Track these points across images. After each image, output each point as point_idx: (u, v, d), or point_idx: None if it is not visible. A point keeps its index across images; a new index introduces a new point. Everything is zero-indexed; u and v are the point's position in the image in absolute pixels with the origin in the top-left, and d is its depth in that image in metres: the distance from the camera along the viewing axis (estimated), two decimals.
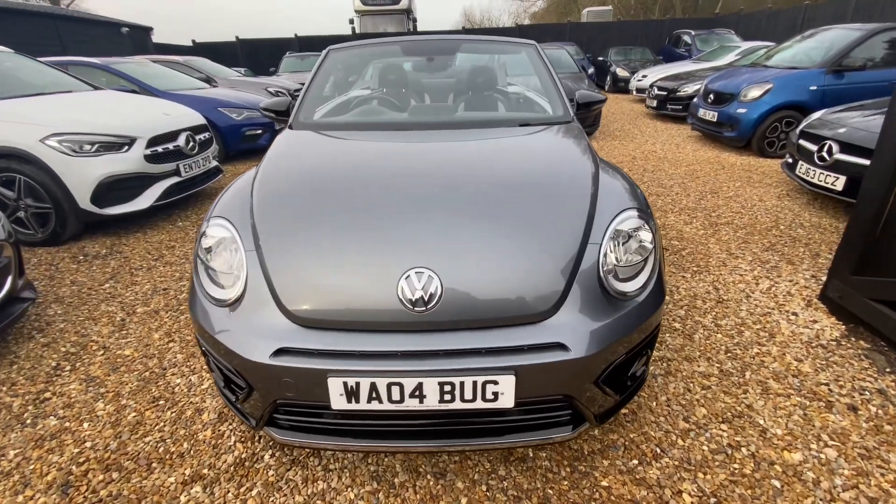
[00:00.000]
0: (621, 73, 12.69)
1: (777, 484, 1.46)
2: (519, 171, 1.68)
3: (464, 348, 1.22)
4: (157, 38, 13.91)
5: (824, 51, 5.30)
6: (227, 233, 1.46)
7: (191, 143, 3.92)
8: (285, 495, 1.44)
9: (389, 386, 1.20)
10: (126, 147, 3.38)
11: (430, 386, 1.19)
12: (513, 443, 1.32)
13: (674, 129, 7.57)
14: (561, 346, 1.23)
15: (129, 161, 3.37)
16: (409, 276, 1.25)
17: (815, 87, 5.13)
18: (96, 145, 3.25)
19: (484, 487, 1.47)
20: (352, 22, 16.71)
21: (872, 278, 2.02)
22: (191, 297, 1.49)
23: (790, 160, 4.11)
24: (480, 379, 1.19)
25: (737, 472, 1.50)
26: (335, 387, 1.20)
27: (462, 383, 1.19)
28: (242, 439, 1.65)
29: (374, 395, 1.21)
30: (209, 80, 7.15)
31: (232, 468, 1.53)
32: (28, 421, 1.73)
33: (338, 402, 1.23)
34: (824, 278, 2.68)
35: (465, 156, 1.84)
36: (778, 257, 3.00)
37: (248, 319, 1.32)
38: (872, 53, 5.04)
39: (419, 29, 18.07)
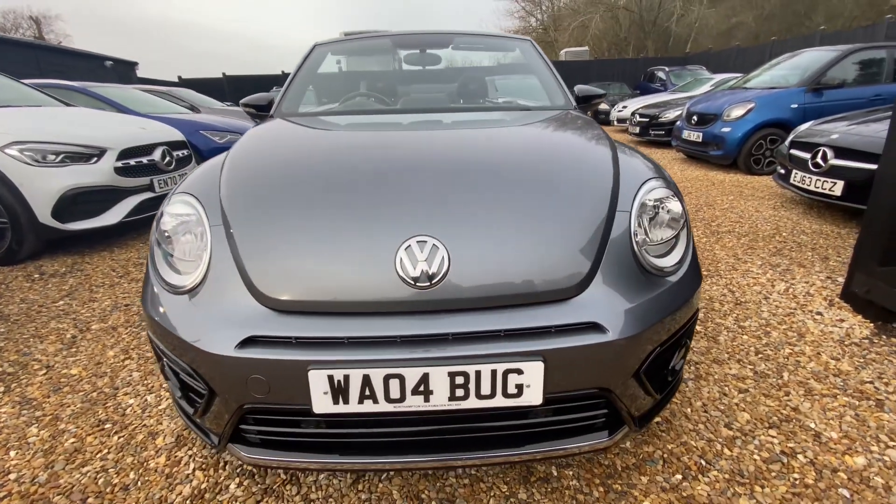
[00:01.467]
0: (602, 106, 13.11)
1: (846, 493, 1.22)
2: (532, 142, 1.52)
3: (479, 331, 1.00)
4: (142, 72, 13.93)
5: (803, 71, 5.47)
6: (192, 210, 1.24)
7: (167, 159, 3.71)
8: None
9: (387, 379, 0.96)
10: (94, 158, 3.15)
11: (439, 378, 0.96)
12: (540, 453, 1.08)
13: (658, 153, 7.68)
14: (596, 327, 1.01)
15: (97, 173, 3.14)
16: (408, 246, 1.04)
17: (796, 105, 5.24)
18: (61, 155, 3.02)
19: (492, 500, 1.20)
20: (339, 62, 17.14)
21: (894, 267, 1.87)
22: (144, 289, 1.25)
23: (782, 171, 4.09)
24: (501, 367, 0.96)
25: (798, 482, 1.27)
26: (318, 383, 0.96)
27: (478, 373, 0.96)
28: (203, 466, 1.35)
29: (367, 392, 0.97)
30: (193, 109, 7.04)
31: (188, 502, 1.23)
32: None
33: (321, 403, 0.97)
34: (840, 279, 2.55)
35: (465, 134, 1.68)
36: (787, 261, 2.87)
37: (211, 306, 1.08)
38: (847, 73, 5.21)
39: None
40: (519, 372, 0.96)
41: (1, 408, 1.62)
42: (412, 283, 1.01)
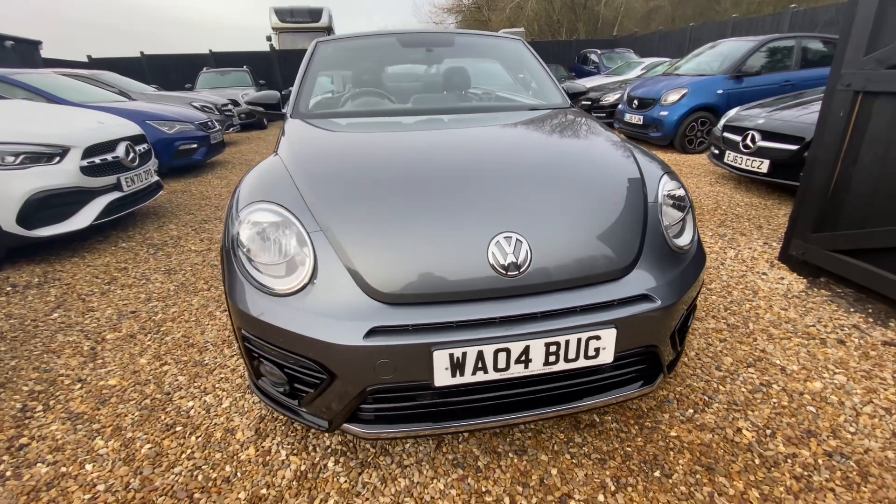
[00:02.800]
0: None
1: (812, 409, 1.62)
2: (566, 143, 1.73)
3: (564, 307, 1.22)
4: (45, 52, 12.23)
5: (724, 60, 6.17)
6: (278, 217, 1.32)
7: (131, 155, 3.49)
8: (367, 499, 1.31)
9: (496, 353, 1.15)
10: (58, 158, 2.91)
11: (537, 348, 1.17)
12: (601, 401, 1.33)
13: None
14: (647, 297, 1.27)
15: (64, 174, 2.91)
16: (497, 241, 1.23)
17: (721, 91, 5.93)
18: (21, 157, 2.76)
19: (567, 456, 1.45)
20: (269, 39, 16.13)
21: (830, 233, 2.35)
22: (233, 295, 1.32)
23: (716, 151, 4.68)
24: (585, 335, 1.19)
25: (776, 404, 1.65)
26: (441, 360, 1.13)
27: (567, 342, 1.18)
28: (294, 451, 1.47)
29: (479, 364, 1.16)
30: (124, 95, 6.45)
31: (294, 483, 1.36)
32: (8, 474, 1.39)
33: (442, 377, 1.15)
34: (773, 244, 3.08)
35: (498, 134, 1.86)
36: (731, 231, 3.38)
37: (327, 304, 1.20)
38: (763, 61, 5.96)
39: None
40: (597, 338, 1.20)
41: (51, 425, 1.59)
42: (503, 272, 1.20)
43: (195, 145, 5.50)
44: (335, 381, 1.20)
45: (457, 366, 1.14)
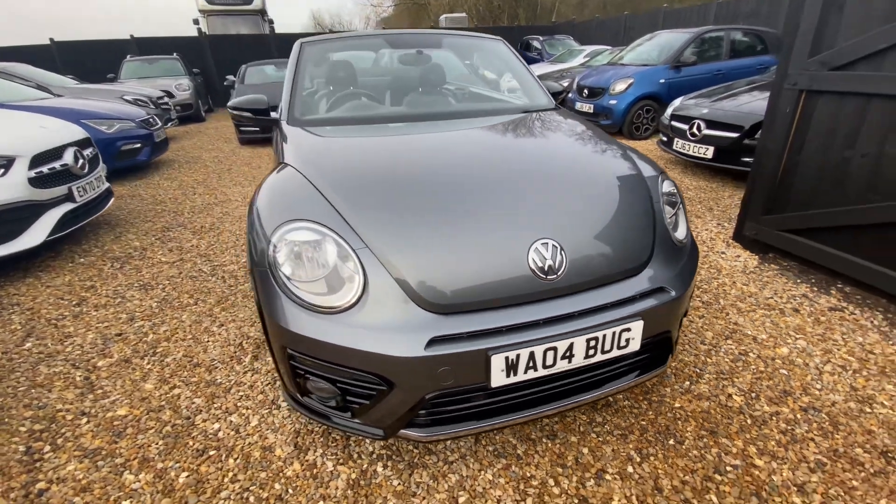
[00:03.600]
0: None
1: (784, 371, 1.89)
2: (570, 151, 1.83)
3: (598, 305, 1.34)
4: None
5: (663, 51, 6.60)
6: (319, 235, 1.33)
7: (80, 161, 3.19)
8: (423, 498, 1.38)
9: (545, 352, 1.25)
10: (2, 170, 2.62)
11: (579, 344, 1.28)
12: (626, 385, 1.48)
13: None
14: (663, 290, 1.43)
15: (10, 187, 2.62)
16: (535, 247, 1.32)
17: (663, 80, 6.36)
18: None
19: (593, 435, 1.60)
20: (196, 23, 14.93)
21: (780, 215, 2.68)
22: (275, 315, 1.31)
23: (665, 138, 5.06)
24: (618, 328, 1.32)
25: (755, 370, 1.90)
26: (497, 363, 1.21)
27: (604, 336, 1.31)
28: (340, 461, 1.50)
29: (531, 363, 1.25)
30: (43, 90, 5.78)
31: (350, 492, 1.40)
32: None
33: (498, 378, 1.24)
34: (725, 225, 3.44)
35: (510, 142, 1.91)
36: (687, 214, 3.72)
37: (380, 318, 1.24)
38: (698, 52, 6.46)
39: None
40: (628, 329, 1.34)
41: (66, 465, 1.50)
42: (543, 276, 1.30)
43: (139, 145, 5.08)
44: (393, 391, 1.25)
45: (511, 367, 1.23)
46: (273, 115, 2.21)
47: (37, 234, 2.77)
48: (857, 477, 1.42)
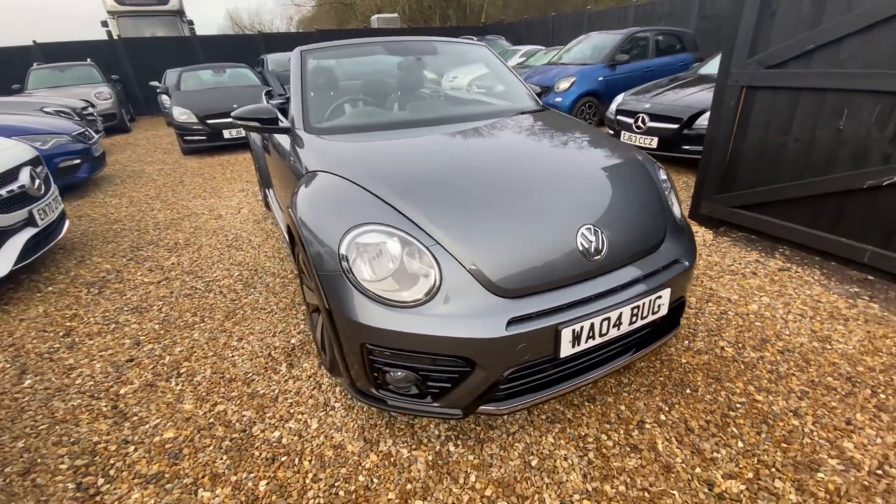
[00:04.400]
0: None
1: (759, 324, 2.25)
2: (579, 146, 2.03)
3: (635, 277, 1.55)
4: None
5: (599, 50, 7.16)
6: (389, 236, 1.41)
7: (37, 182, 2.91)
8: (500, 468, 1.52)
9: (602, 322, 1.45)
10: None
11: (626, 313, 1.49)
12: (651, 348, 1.72)
13: None
14: (678, 262, 1.68)
15: None
16: (582, 232, 1.51)
17: (601, 78, 6.90)
18: None
19: (625, 394, 1.83)
20: (105, 25, 13.60)
21: (729, 194, 3.11)
22: (353, 313, 1.38)
23: (611, 131, 5.53)
24: (653, 297, 1.54)
25: (736, 325, 2.25)
26: (566, 336, 1.39)
27: (644, 304, 1.53)
28: (413, 447, 1.59)
29: (591, 333, 1.44)
30: None
31: (432, 472, 1.50)
32: None
33: (566, 349, 1.41)
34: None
35: (526, 139, 2.07)
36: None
37: (459, 306, 1.36)
38: (629, 51, 7.07)
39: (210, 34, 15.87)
40: (660, 297, 1.57)
41: (130, 495, 1.45)
42: (590, 257, 1.49)
43: (78, 161, 4.65)
44: (475, 371, 1.37)
45: (576, 338, 1.41)
46: (283, 123, 2.20)
47: (2, 263, 2.51)
48: (833, 399, 1.77)
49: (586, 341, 1.44)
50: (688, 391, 1.84)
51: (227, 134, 6.29)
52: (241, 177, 5.37)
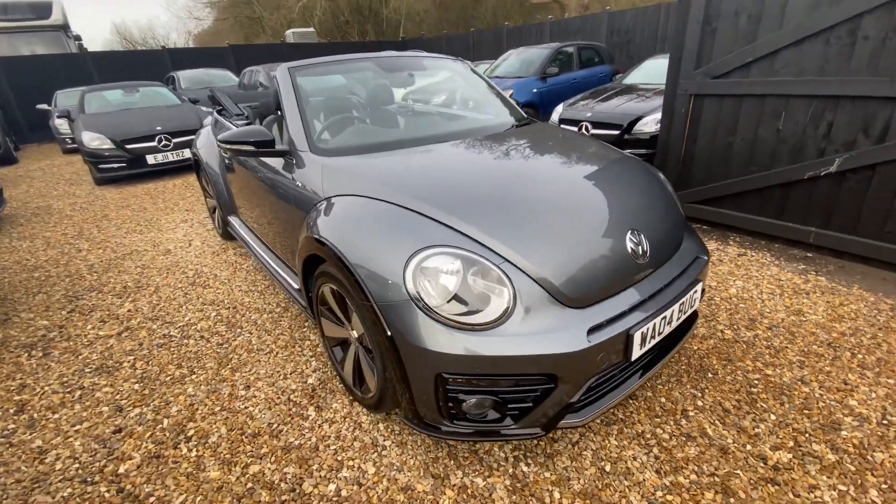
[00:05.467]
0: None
1: (743, 305, 2.50)
2: (591, 155, 2.10)
3: (674, 275, 1.65)
4: None
5: (531, 64, 7.56)
6: (454, 258, 1.36)
7: None
8: (578, 479, 1.51)
9: (661, 320, 1.51)
10: None
11: (676, 308, 1.58)
12: (686, 339, 1.83)
13: None
14: (699, 258, 1.82)
15: None
16: (629, 237, 1.57)
17: (535, 90, 7.29)
18: None
19: (660, 387, 1.93)
20: None
21: (685, 191, 3.44)
22: (425, 342, 1.31)
23: None
24: (692, 292, 1.65)
25: (725, 309, 2.47)
26: (637, 339, 1.43)
27: (686, 300, 1.63)
28: (485, 474, 1.53)
29: (653, 332, 1.50)
30: None
31: (515, 497, 1.45)
32: None
33: (636, 351, 1.45)
34: None
35: (542, 152, 2.09)
36: None
37: (535, 322, 1.34)
38: (556, 64, 7.56)
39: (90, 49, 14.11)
40: (696, 291, 1.68)
41: None
42: (638, 259, 1.56)
43: None
44: (559, 387, 1.36)
45: (644, 339, 1.46)
46: (279, 147, 2.02)
47: None
48: (825, 364, 2.01)
49: (649, 341, 1.50)
50: (710, 375, 1.98)
51: (151, 159, 5.64)
52: (177, 206, 4.85)
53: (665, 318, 1.52)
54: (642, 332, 1.44)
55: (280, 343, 2.35)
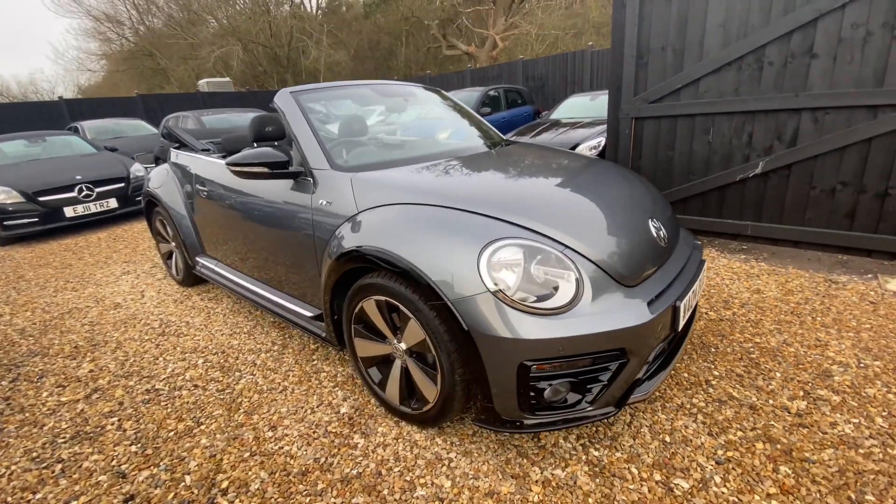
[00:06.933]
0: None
1: (714, 290, 2.83)
2: (590, 161, 2.32)
3: (687, 257, 1.86)
4: None
5: (467, 104, 8.07)
6: (520, 249, 1.43)
7: None
8: (647, 454, 1.58)
9: (692, 294, 1.69)
10: None
11: (698, 286, 1.77)
12: (696, 314, 2.04)
13: None
14: (696, 243, 2.08)
15: None
16: (651, 223, 1.76)
17: None
18: None
19: (677, 363, 2.10)
20: None
21: None
22: (506, 332, 1.34)
23: None
24: (703, 269, 1.87)
25: (701, 295, 2.78)
26: (682, 310, 1.58)
27: (702, 276, 1.84)
28: (562, 465, 1.54)
29: (689, 305, 1.66)
30: None
31: (599, 480, 1.47)
32: None
33: (681, 321, 1.60)
34: None
35: (551, 160, 2.26)
36: None
37: (603, 301, 1.44)
38: (487, 104, 8.16)
39: None
40: (705, 270, 1.91)
41: None
42: (661, 242, 1.75)
43: None
44: (630, 361, 1.45)
45: (685, 311, 1.62)
46: (293, 168, 1.97)
47: None
48: (797, 328, 2.34)
49: (686, 313, 1.66)
50: (712, 350, 2.20)
51: (70, 212, 4.99)
52: (110, 259, 4.32)
53: (693, 291, 1.70)
54: (684, 304, 1.59)
55: (292, 379, 2.17)
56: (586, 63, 9.90)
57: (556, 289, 1.41)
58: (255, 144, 2.28)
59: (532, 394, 1.41)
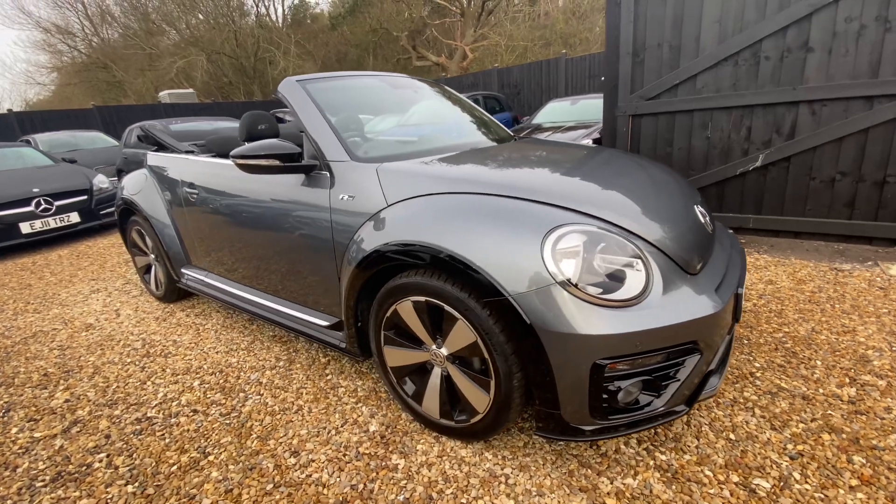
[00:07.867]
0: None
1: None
2: (618, 152, 2.23)
3: (729, 243, 1.80)
4: None
5: None
6: (584, 236, 1.30)
7: None
8: (716, 454, 1.47)
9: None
10: None
11: (745, 275, 1.70)
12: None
13: None
14: (730, 231, 2.02)
15: None
16: (697, 209, 1.69)
17: None
18: None
19: None
20: None
21: None
22: (577, 328, 1.21)
23: None
24: (745, 256, 1.81)
25: None
26: (741, 298, 1.50)
27: (746, 263, 1.77)
28: (631, 473, 1.40)
29: (743, 294, 1.59)
30: None
31: (675, 486, 1.35)
32: None
33: (740, 312, 1.51)
34: None
35: (576, 151, 2.17)
36: None
37: (675, 291, 1.34)
38: None
39: None
40: (746, 256, 1.85)
41: None
42: (708, 229, 1.68)
43: None
44: (702, 355, 1.34)
45: (743, 297, 1.54)
46: (305, 161, 1.78)
47: None
48: (822, 316, 2.32)
49: (744, 300, 1.58)
50: (745, 342, 2.14)
51: (27, 227, 4.53)
52: (75, 277, 3.92)
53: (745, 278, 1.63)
54: (743, 293, 1.51)
55: (306, 397, 1.95)
56: (560, 70, 10.08)
57: (625, 278, 1.29)
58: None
59: (605, 396, 1.27)
